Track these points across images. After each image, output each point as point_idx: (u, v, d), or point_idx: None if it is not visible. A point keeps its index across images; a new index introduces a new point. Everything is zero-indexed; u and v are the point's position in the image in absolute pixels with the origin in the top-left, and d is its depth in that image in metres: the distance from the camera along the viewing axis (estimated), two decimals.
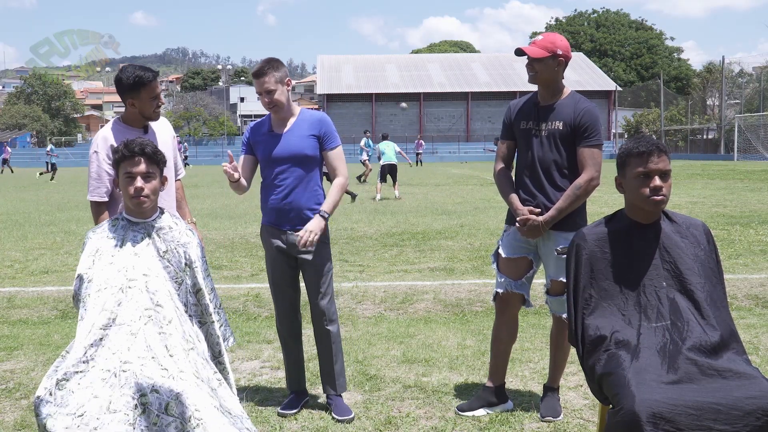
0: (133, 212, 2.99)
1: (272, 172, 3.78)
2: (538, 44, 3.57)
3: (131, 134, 3.58)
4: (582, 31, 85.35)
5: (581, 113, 3.56)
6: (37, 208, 16.68)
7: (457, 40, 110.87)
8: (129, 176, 2.92)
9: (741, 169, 30.33)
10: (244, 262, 8.45)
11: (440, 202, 16.14)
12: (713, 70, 59.76)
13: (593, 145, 3.55)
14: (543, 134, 3.60)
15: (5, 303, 6.51)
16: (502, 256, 3.75)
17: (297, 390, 3.99)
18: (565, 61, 3.60)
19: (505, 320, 3.83)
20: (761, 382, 2.41)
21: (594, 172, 3.51)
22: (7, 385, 4.32)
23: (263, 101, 3.75)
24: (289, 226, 3.78)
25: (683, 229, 2.82)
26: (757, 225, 10.96)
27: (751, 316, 5.80)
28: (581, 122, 3.55)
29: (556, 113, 3.60)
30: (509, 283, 3.73)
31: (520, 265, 3.73)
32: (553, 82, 3.61)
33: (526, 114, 3.69)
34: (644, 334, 2.65)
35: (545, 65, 3.56)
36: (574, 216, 3.61)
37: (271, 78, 3.70)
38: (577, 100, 3.62)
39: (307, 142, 3.76)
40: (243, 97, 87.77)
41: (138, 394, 2.47)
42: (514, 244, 3.72)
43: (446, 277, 7.37)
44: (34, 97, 74.25)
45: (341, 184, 3.83)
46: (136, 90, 3.52)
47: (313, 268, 3.81)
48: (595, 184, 3.56)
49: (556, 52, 3.55)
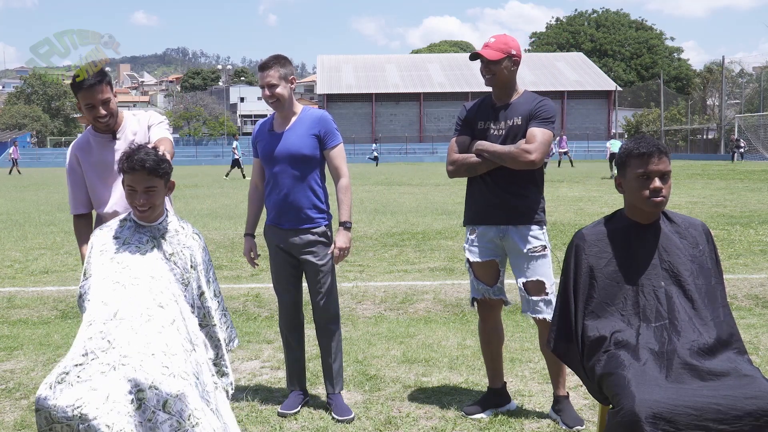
0: (138, 216, 3.02)
1: (272, 170, 3.79)
2: (492, 47, 3.61)
3: (102, 142, 3.49)
4: (582, 31, 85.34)
5: (538, 104, 3.60)
6: (37, 208, 16.68)
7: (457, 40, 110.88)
8: (131, 190, 2.94)
9: (741, 169, 30.32)
10: (244, 262, 8.45)
11: (440, 202, 16.14)
12: (713, 70, 59.76)
13: (540, 126, 3.55)
14: (502, 132, 3.62)
15: (5, 303, 6.51)
16: (471, 260, 3.78)
17: (297, 389, 3.99)
18: (518, 61, 3.65)
19: (490, 326, 3.87)
20: (761, 382, 2.41)
21: (533, 147, 3.49)
22: (7, 385, 4.32)
23: (264, 95, 3.76)
24: (289, 225, 3.78)
25: (682, 230, 2.83)
26: (757, 225, 10.96)
27: (751, 316, 5.80)
28: (536, 108, 3.59)
29: (513, 110, 3.63)
30: (486, 290, 3.77)
31: (491, 269, 3.75)
32: (509, 82, 3.65)
33: (483, 114, 3.72)
34: (643, 334, 2.65)
35: (501, 67, 3.60)
36: (538, 209, 3.64)
37: (275, 72, 3.70)
38: (534, 97, 3.67)
39: (306, 141, 3.74)
40: (243, 97, 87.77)
41: (135, 389, 2.47)
42: (480, 248, 3.74)
43: (446, 277, 7.37)
44: (34, 97, 74.26)
45: (347, 186, 3.83)
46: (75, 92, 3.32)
47: (315, 268, 3.81)
48: (529, 157, 3.49)
49: (511, 52, 3.60)
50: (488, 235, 3.70)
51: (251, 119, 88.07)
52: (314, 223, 3.79)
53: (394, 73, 67.54)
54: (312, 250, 3.78)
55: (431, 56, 75.33)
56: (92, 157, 3.51)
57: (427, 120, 64.90)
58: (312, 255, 3.79)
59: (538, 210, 3.64)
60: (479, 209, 3.73)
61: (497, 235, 3.68)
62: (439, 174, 31.51)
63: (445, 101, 64.85)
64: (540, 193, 3.68)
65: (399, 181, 26.33)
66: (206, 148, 66.07)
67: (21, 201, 18.79)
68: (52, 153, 60.98)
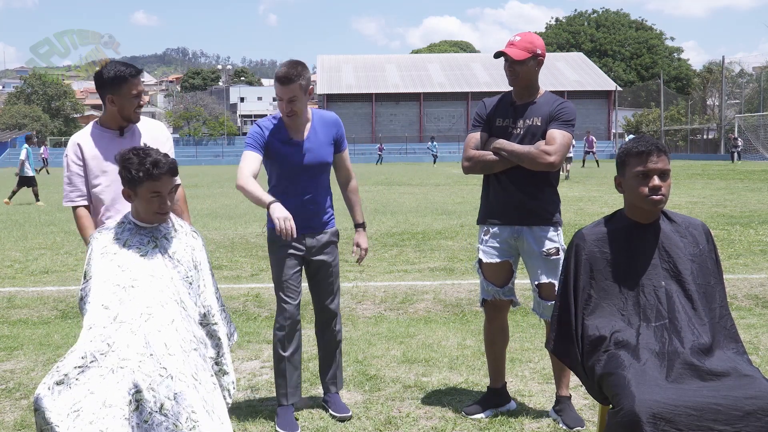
0: (144, 219, 2.99)
1: (294, 180, 3.69)
2: (518, 45, 3.54)
3: (107, 137, 3.49)
4: (582, 31, 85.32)
5: (558, 106, 3.57)
6: (37, 208, 16.68)
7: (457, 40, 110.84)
8: (156, 195, 2.90)
9: (741, 169, 30.32)
10: (244, 262, 8.45)
11: (440, 202, 16.14)
12: (713, 70, 59.76)
13: (561, 128, 3.52)
14: (521, 131, 3.59)
15: (5, 303, 6.51)
16: (484, 261, 3.71)
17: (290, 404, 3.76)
18: (542, 61, 3.60)
19: (497, 325, 3.83)
20: (761, 382, 2.41)
21: (553, 149, 3.46)
22: (7, 385, 4.32)
23: (282, 107, 3.59)
24: (308, 229, 3.72)
25: (682, 229, 2.83)
26: (757, 225, 10.96)
27: (751, 316, 5.80)
28: (557, 112, 3.55)
29: (534, 110, 3.59)
30: (496, 291, 3.71)
31: (504, 269, 3.69)
32: (532, 82, 3.62)
33: (503, 112, 3.67)
34: (643, 334, 2.65)
35: (526, 66, 3.55)
36: (554, 210, 3.62)
37: (296, 86, 3.52)
38: (555, 98, 3.64)
39: (328, 150, 3.73)
40: (243, 97, 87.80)
41: (133, 391, 2.47)
42: (494, 249, 3.68)
43: (446, 277, 7.37)
44: (34, 97, 74.24)
45: (357, 186, 3.96)
46: (117, 86, 3.36)
47: (329, 268, 3.81)
48: (548, 159, 3.46)
49: (536, 52, 3.55)
50: (502, 235, 3.65)
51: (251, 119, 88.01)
52: (330, 224, 3.82)
53: (394, 73, 67.54)
54: (327, 250, 3.79)
55: (431, 56, 75.33)
56: (95, 150, 3.49)
57: (427, 120, 64.89)
58: (327, 255, 3.79)
59: (553, 211, 3.61)
60: (494, 208, 3.68)
61: (511, 236, 3.64)
62: (439, 174, 31.50)
63: (445, 101, 64.86)
64: (555, 194, 3.65)
65: (399, 181, 26.35)
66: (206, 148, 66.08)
67: (21, 201, 18.79)
68: (52, 153, 60.82)
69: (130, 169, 2.87)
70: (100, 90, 3.41)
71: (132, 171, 2.87)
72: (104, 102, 3.44)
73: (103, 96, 3.42)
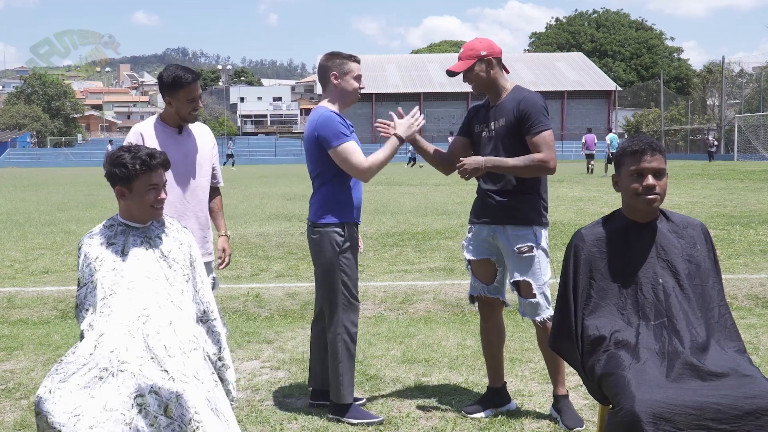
0: (137, 218, 2.98)
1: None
2: (461, 57, 3.69)
3: (168, 133, 3.68)
4: (582, 31, 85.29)
5: (519, 103, 3.58)
6: (37, 208, 16.68)
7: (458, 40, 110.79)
8: (153, 188, 2.92)
9: (741, 169, 30.32)
10: (244, 262, 8.45)
11: (440, 202, 16.14)
12: (713, 70, 59.77)
13: (539, 131, 3.54)
14: (492, 134, 3.65)
15: (5, 303, 6.51)
16: (467, 257, 3.81)
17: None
18: (495, 59, 3.64)
19: (491, 324, 3.88)
20: (761, 382, 2.42)
21: (547, 156, 3.51)
22: (7, 385, 4.32)
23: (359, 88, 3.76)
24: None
25: (680, 229, 2.83)
26: (757, 225, 10.96)
27: (751, 316, 5.80)
28: (521, 112, 3.56)
29: (500, 111, 3.64)
30: (483, 287, 3.79)
31: (487, 267, 3.77)
32: (493, 83, 3.68)
33: (480, 117, 3.76)
34: (643, 333, 2.65)
35: (475, 73, 3.63)
36: (528, 210, 3.63)
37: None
38: (518, 92, 3.65)
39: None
40: (243, 97, 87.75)
41: (135, 395, 2.47)
42: (476, 246, 3.77)
43: (446, 277, 7.37)
44: (34, 97, 74.22)
45: None
46: (174, 90, 3.60)
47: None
48: (548, 167, 3.53)
49: (480, 54, 3.62)
50: (482, 234, 3.74)
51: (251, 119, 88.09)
52: None
53: (394, 73, 67.56)
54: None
55: (431, 56, 75.32)
56: (155, 141, 3.65)
57: (427, 120, 64.75)
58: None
59: (528, 211, 3.63)
60: (476, 208, 3.80)
61: (490, 235, 3.72)
62: (439, 174, 31.48)
63: (445, 101, 64.87)
64: (534, 193, 3.66)
65: (399, 181, 26.36)
66: None
67: (21, 201, 18.79)
68: (52, 153, 60.97)
69: (125, 164, 2.88)
70: (161, 91, 3.68)
71: (128, 165, 2.88)
72: (165, 101, 3.69)
73: (163, 96, 3.68)
